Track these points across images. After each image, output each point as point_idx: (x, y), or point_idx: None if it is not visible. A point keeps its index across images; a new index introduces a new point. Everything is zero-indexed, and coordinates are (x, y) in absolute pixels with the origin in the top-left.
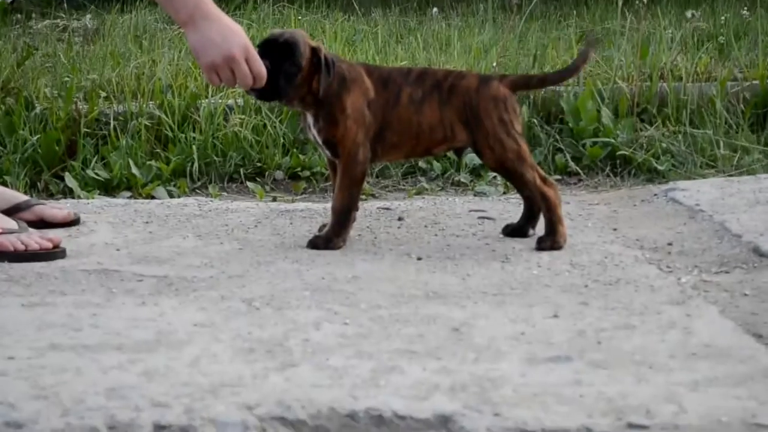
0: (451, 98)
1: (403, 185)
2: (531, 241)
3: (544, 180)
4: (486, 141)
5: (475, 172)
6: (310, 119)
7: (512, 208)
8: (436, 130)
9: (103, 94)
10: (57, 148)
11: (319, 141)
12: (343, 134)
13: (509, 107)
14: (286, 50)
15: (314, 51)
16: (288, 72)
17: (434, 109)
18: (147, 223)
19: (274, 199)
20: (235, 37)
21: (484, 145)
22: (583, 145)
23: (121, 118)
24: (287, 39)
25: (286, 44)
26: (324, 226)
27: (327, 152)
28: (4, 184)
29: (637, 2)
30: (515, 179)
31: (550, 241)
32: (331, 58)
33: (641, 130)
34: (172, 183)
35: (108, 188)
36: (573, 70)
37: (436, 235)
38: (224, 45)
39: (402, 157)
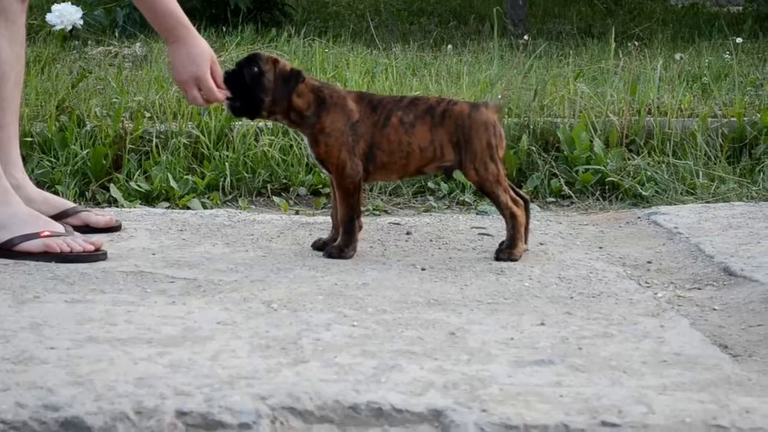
0: (444, 121)
1: (413, 203)
2: (524, 255)
3: (515, 202)
4: (472, 162)
5: (478, 193)
6: (305, 139)
7: None
8: (426, 150)
9: (148, 114)
10: (104, 161)
11: (313, 158)
12: (326, 152)
13: (497, 132)
14: (248, 62)
15: (274, 62)
16: (251, 75)
17: (425, 131)
18: (181, 231)
19: (297, 213)
20: (194, 65)
21: (470, 166)
22: (576, 172)
23: (162, 136)
24: (248, 56)
25: (246, 59)
26: (319, 240)
27: (322, 168)
28: (56, 192)
29: (629, 44)
30: (490, 198)
31: (508, 254)
32: (295, 70)
33: (629, 159)
34: (206, 196)
35: (148, 199)
36: None
37: (440, 248)
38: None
39: (396, 176)
